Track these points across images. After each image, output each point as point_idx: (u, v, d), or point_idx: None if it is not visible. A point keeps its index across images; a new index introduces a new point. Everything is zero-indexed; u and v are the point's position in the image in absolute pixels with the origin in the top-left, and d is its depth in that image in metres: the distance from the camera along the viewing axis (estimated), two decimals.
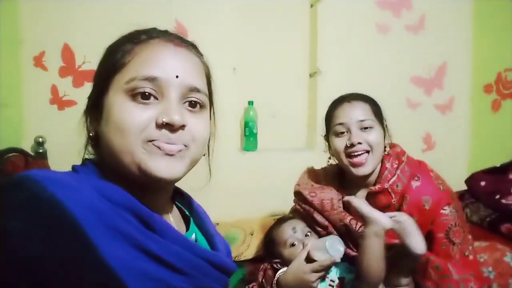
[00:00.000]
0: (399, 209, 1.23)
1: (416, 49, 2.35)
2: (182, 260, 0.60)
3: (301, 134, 2.37)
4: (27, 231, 0.48)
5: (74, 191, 0.54)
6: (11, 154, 1.71)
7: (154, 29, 0.70)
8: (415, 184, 1.22)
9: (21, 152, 1.78)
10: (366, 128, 1.24)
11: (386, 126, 1.33)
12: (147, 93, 0.62)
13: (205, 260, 0.65)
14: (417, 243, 1.04)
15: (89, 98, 0.69)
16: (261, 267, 1.34)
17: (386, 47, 2.33)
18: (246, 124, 2.21)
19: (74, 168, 0.67)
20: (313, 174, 1.46)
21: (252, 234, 1.94)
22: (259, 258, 1.79)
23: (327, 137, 1.36)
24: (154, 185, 0.65)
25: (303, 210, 1.39)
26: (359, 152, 1.22)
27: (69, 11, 2.00)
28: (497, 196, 1.82)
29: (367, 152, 1.23)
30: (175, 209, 0.80)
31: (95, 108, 0.66)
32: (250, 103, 2.22)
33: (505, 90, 2.22)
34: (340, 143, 1.26)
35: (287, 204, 2.14)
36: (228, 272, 0.73)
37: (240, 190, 2.18)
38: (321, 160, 1.46)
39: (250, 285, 1.33)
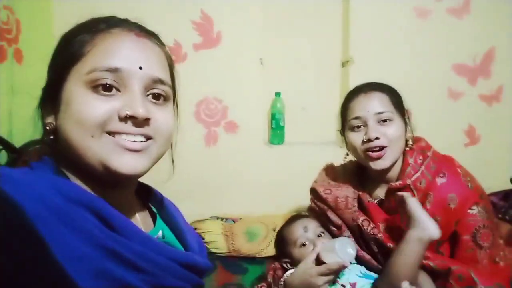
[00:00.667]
0: None
1: (460, 34, 2.14)
2: (144, 260, 0.58)
3: (331, 127, 2.25)
4: None
5: (25, 186, 0.52)
6: (37, 146, 1.77)
7: (113, 17, 0.66)
8: (440, 181, 1.11)
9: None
10: (384, 121, 1.14)
11: (408, 118, 1.22)
12: (108, 85, 0.59)
13: (171, 259, 0.63)
14: (431, 227, 0.99)
15: (44, 89, 0.65)
16: (271, 266, 1.29)
17: (426, 33, 2.14)
18: (273, 117, 2.15)
19: (30, 164, 0.64)
20: (331, 171, 1.38)
21: (275, 230, 1.87)
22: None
23: (343, 132, 1.26)
24: (116, 181, 0.62)
25: (318, 208, 1.32)
26: (377, 148, 1.13)
27: (99, 7, 2.02)
28: None
29: (386, 146, 1.13)
30: (141, 205, 0.76)
31: (52, 100, 0.62)
32: (277, 94, 2.15)
33: None
34: (356, 138, 1.17)
35: None
36: (199, 271, 0.70)
37: (265, 185, 2.12)
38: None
39: (259, 285, 1.27)
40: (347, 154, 1.28)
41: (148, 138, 0.62)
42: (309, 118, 2.25)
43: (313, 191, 1.35)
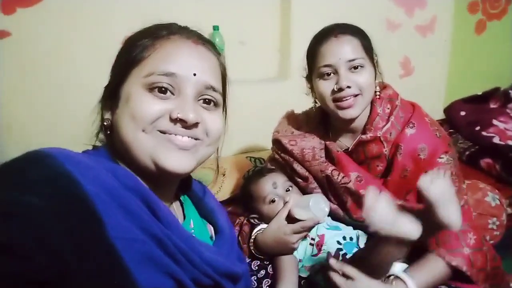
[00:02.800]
0: (391, 159, 1.12)
1: None
2: (183, 254, 0.62)
3: (273, 62, 2.16)
4: (44, 207, 0.49)
5: (88, 169, 0.57)
6: None
7: (175, 24, 0.71)
8: (409, 131, 1.10)
9: None
10: (355, 67, 1.07)
11: (376, 62, 1.16)
12: (163, 88, 0.64)
13: (207, 263, 0.66)
14: (454, 215, 0.83)
15: (106, 87, 0.70)
16: (237, 221, 1.24)
17: None
18: None
19: (87, 152, 0.69)
20: (293, 120, 1.31)
21: (224, 175, 1.82)
22: (233, 199, 1.71)
23: (309, 78, 1.18)
24: (163, 177, 0.66)
25: (282, 159, 1.27)
26: (348, 98, 1.07)
27: None
28: (477, 128, 1.76)
29: (356, 95, 1.08)
30: (175, 196, 0.80)
31: (111, 98, 0.68)
32: (215, 28, 1.96)
33: (492, 10, 2.05)
34: (326, 86, 1.09)
35: (259, 140, 2.02)
36: (235, 278, 0.75)
37: None
38: (295, 91, 1.29)
39: None
40: (315, 102, 1.21)
41: (196, 139, 0.66)
42: (250, 53, 2.12)
43: (277, 142, 1.29)
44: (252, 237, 1.14)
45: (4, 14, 1.56)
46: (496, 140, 1.64)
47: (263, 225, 1.15)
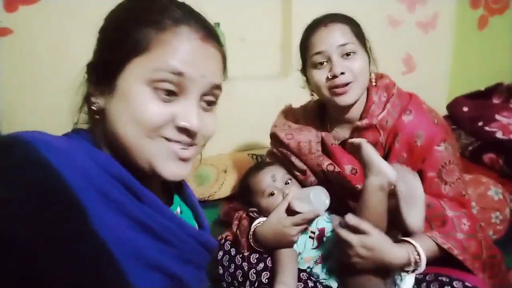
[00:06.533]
0: (389, 148, 1.11)
1: None
2: (170, 233, 0.61)
3: (274, 59, 2.16)
4: (13, 200, 0.45)
5: (67, 155, 0.53)
6: None
7: (177, 11, 0.62)
8: (407, 118, 1.09)
9: None
10: (348, 54, 1.07)
11: (369, 48, 1.16)
12: (169, 90, 0.59)
13: (190, 236, 0.66)
14: (417, 219, 0.92)
15: (95, 68, 0.63)
16: (236, 215, 1.23)
17: None
18: None
19: (66, 134, 0.65)
20: (291, 114, 1.31)
21: (225, 172, 1.82)
22: (234, 196, 1.71)
23: (304, 71, 1.18)
24: (155, 177, 0.63)
25: (280, 153, 1.26)
26: (343, 84, 1.06)
27: None
28: (480, 123, 1.74)
29: (351, 82, 1.07)
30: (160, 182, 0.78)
31: (103, 82, 0.61)
32: (216, 25, 1.96)
33: (494, 5, 2.03)
34: (320, 75, 1.09)
35: (260, 137, 2.01)
36: (211, 250, 0.74)
37: None
38: (297, 88, 1.29)
39: (224, 235, 1.22)
40: (312, 95, 1.21)
41: (194, 144, 0.64)
42: (251, 51, 2.12)
43: (274, 136, 1.28)
44: (252, 230, 1.13)
45: (6, 11, 1.58)
46: (499, 135, 1.63)
47: (262, 218, 1.14)
